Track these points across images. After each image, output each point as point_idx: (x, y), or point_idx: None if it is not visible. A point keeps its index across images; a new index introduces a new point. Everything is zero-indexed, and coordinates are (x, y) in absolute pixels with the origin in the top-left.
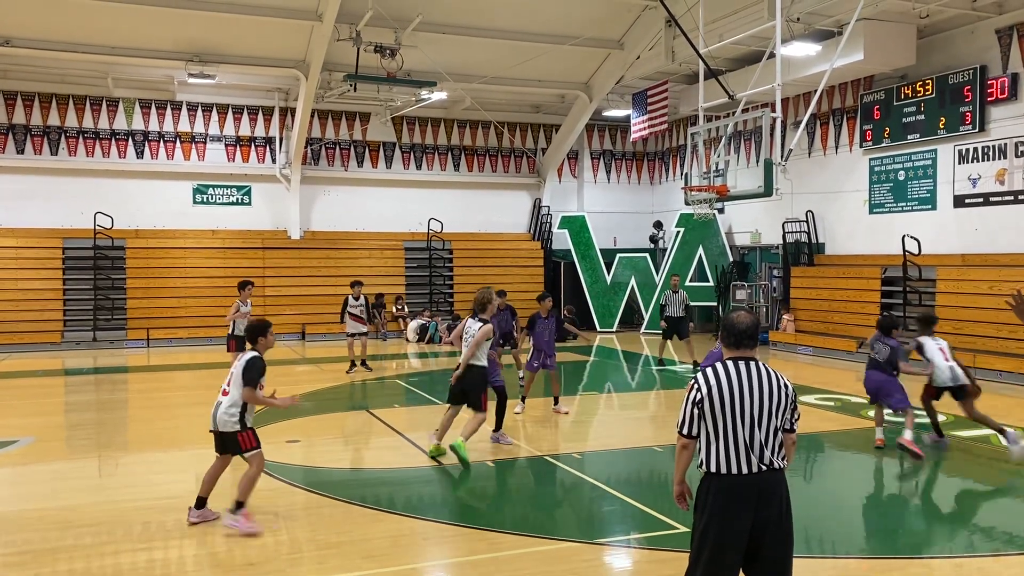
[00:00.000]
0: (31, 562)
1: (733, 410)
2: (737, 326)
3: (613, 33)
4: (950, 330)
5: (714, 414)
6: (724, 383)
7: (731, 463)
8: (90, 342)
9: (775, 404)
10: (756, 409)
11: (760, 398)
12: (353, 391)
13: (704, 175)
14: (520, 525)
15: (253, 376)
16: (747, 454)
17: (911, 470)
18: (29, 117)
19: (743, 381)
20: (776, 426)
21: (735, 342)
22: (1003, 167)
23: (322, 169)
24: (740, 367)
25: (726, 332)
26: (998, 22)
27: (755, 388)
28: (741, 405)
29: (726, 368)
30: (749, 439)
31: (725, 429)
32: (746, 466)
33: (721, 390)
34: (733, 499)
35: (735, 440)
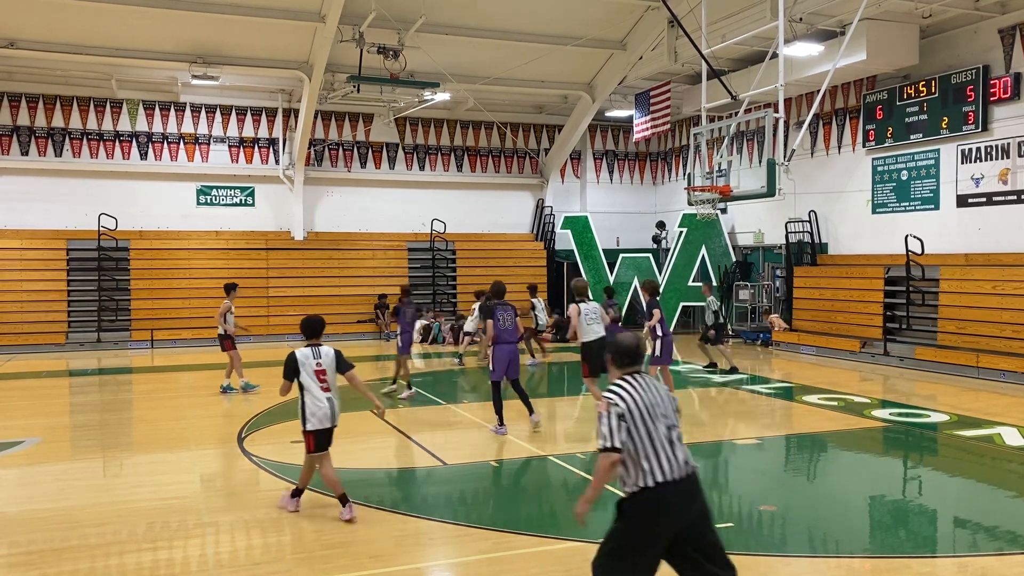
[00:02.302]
0: (37, 562)
1: (653, 420)
2: (628, 346)
3: (616, 34)
4: (953, 330)
5: (637, 427)
6: (637, 396)
7: (664, 472)
8: (94, 343)
9: (670, 409)
10: (663, 417)
11: (663, 406)
12: (356, 392)
13: (707, 175)
14: (525, 525)
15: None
16: (673, 460)
17: (914, 470)
18: (33, 119)
19: (647, 392)
20: (676, 427)
21: (627, 361)
22: (1006, 167)
23: (325, 170)
24: (639, 380)
25: (617, 354)
26: (1001, 22)
27: (656, 398)
28: (654, 415)
29: (629, 383)
30: (670, 445)
31: (651, 440)
32: (676, 472)
33: (637, 403)
34: (664, 511)
35: (662, 448)
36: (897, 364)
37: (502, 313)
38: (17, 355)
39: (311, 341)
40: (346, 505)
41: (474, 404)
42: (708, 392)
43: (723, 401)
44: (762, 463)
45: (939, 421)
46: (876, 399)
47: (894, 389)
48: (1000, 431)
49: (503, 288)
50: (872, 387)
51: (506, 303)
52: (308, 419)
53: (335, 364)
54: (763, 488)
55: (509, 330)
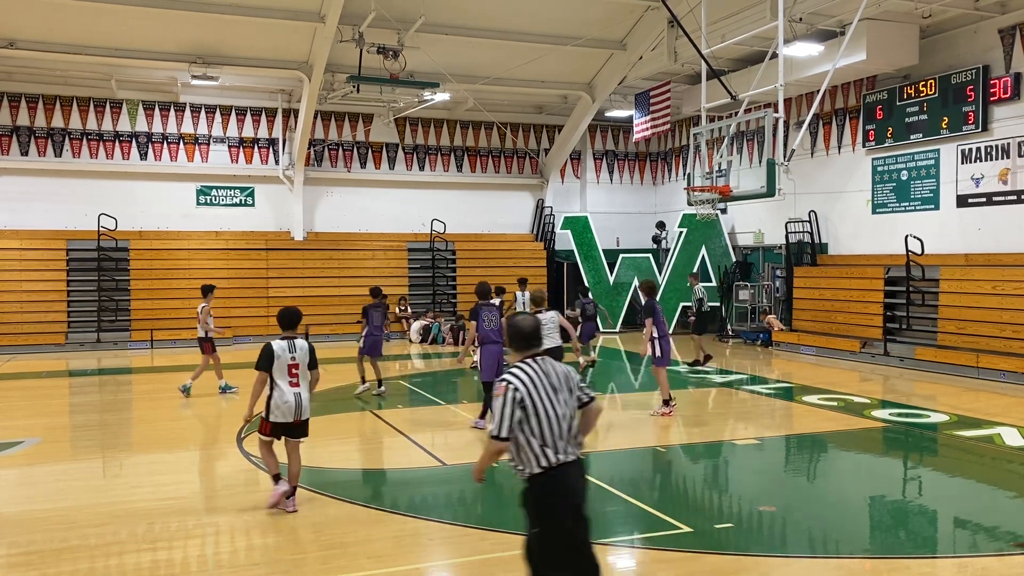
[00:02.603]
0: (37, 562)
1: (553, 403)
2: (524, 329)
3: (615, 34)
4: (953, 330)
5: (536, 410)
6: (536, 379)
7: (559, 454)
8: (94, 343)
9: (570, 390)
10: (563, 400)
11: (563, 387)
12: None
13: (707, 175)
14: (524, 525)
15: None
16: (567, 443)
17: (914, 470)
18: (33, 119)
19: (546, 375)
20: (573, 411)
21: (524, 344)
22: (1006, 167)
23: (325, 170)
24: (539, 363)
25: (515, 336)
26: (1001, 22)
27: (555, 380)
28: (553, 398)
29: (529, 367)
30: (566, 429)
31: (550, 421)
32: (570, 454)
33: (536, 386)
34: (567, 489)
35: (560, 430)
36: (897, 364)
37: (487, 314)
38: (17, 355)
39: (287, 333)
40: (278, 483)
41: (474, 404)
42: (708, 392)
43: (723, 401)
44: (762, 463)
45: (939, 421)
46: (876, 399)
47: (894, 389)
48: (1000, 431)
49: (488, 288)
50: (872, 387)
51: (491, 303)
52: (272, 411)
53: (308, 358)
54: (763, 488)
55: (495, 330)
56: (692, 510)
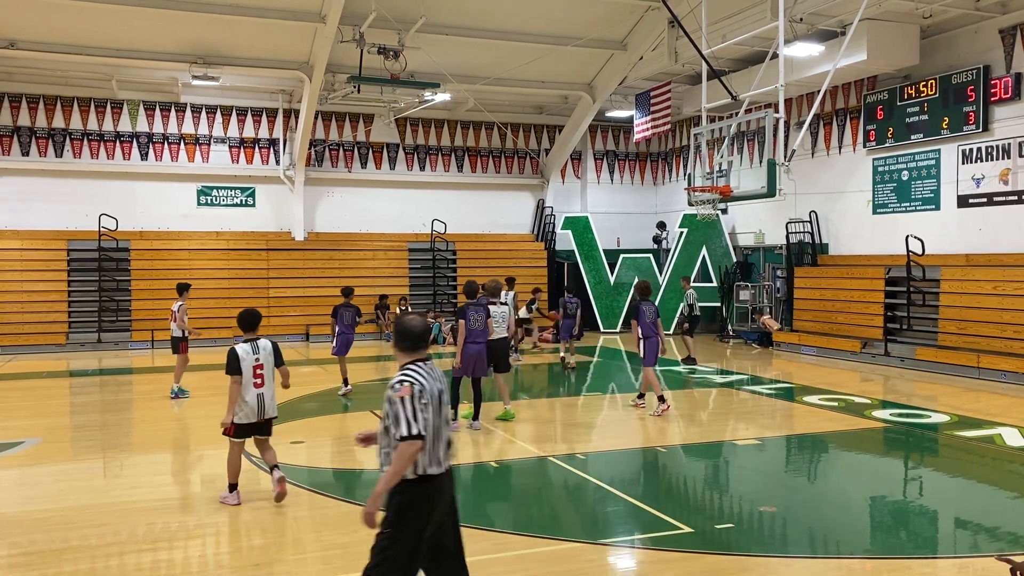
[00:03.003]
0: (37, 563)
1: (439, 410)
2: (413, 329)
3: (616, 34)
4: (954, 330)
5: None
6: (428, 383)
7: (437, 463)
8: (95, 344)
9: (444, 403)
10: (443, 407)
11: (443, 396)
12: (357, 392)
13: (707, 175)
14: (524, 525)
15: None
16: (446, 452)
17: (915, 470)
18: (34, 119)
19: (436, 381)
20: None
21: (412, 345)
22: (1007, 167)
23: (326, 170)
24: (429, 368)
25: (402, 336)
26: (1001, 22)
27: (441, 388)
28: (440, 404)
29: (422, 370)
30: (443, 437)
31: (434, 429)
32: (445, 464)
33: (431, 391)
34: (439, 500)
35: (442, 440)
36: (898, 364)
37: (473, 314)
38: (18, 355)
39: (248, 335)
40: (233, 492)
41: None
42: (709, 393)
43: (723, 402)
44: (762, 464)
45: (940, 422)
46: (877, 399)
47: (895, 389)
48: (1001, 431)
49: (476, 288)
50: (873, 387)
51: (479, 303)
52: (236, 413)
53: (273, 357)
54: (763, 489)
55: (479, 330)
56: (693, 510)
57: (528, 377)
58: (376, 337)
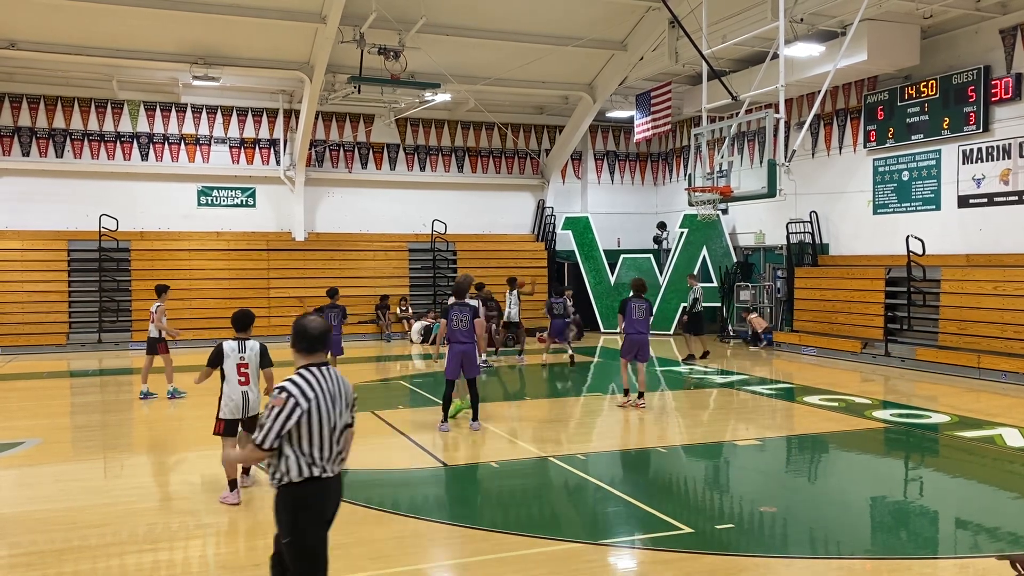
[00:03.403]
0: (37, 563)
1: (326, 417)
2: (311, 331)
3: (616, 34)
4: (954, 330)
5: (310, 424)
6: (318, 391)
7: (325, 468)
8: (95, 344)
9: (346, 404)
10: (337, 414)
11: (340, 402)
12: (357, 392)
13: (708, 176)
14: (524, 526)
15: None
16: (332, 458)
17: (915, 471)
18: (34, 120)
19: (328, 388)
20: (346, 424)
21: (308, 347)
22: (1007, 167)
23: (326, 171)
24: (324, 373)
25: (299, 337)
26: (1002, 22)
27: (337, 393)
28: (332, 411)
29: (315, 376)
30: (332, 443)
31: (322, 436)
32: (332, 470)
33: (317, 399)
34: (327, 502)
35: (329, 445)
36: (898, 365)
37: (457, 314)
38: (18, 356)
39: (239, 335)
40: (233, 490)
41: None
42: (709, 393)
43: (724, 402)
44: (763, 464)
45: (940, 422)
46: (877, 400)
47: (895, 390)
48: (1001, 432)
49: (466, 288)
50: (873, 388)
51: (464, 304)
52: (222, 408)
53: (259, 359)
54: (764, 489)
55: (463, 330)
56: (693, 510)
57: (528, 377)
58: (376, 337)
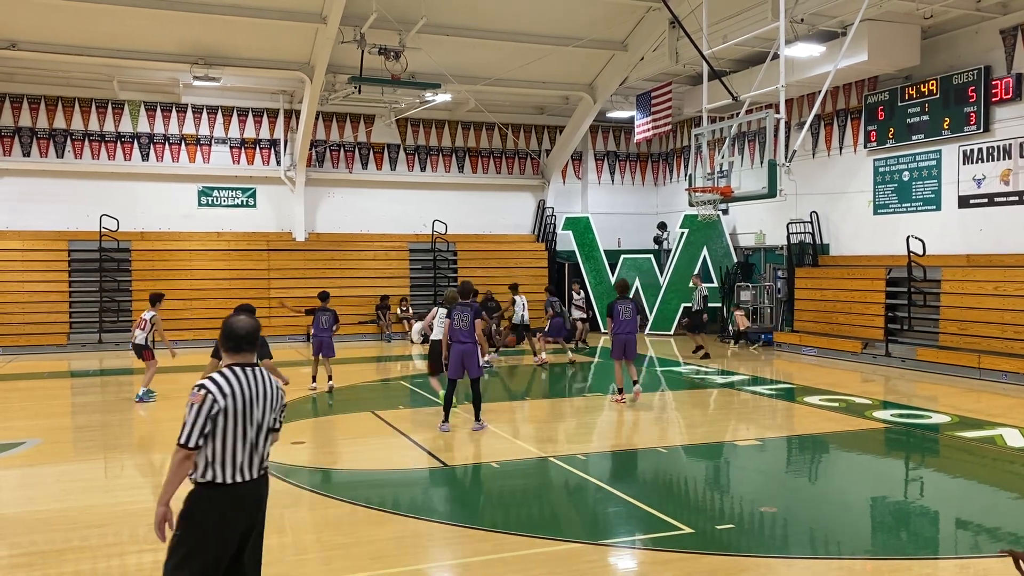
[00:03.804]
0: (38, 563)
1: (247, 416)
2: (237, 330)
3: (617, 34)
4: (955, 331)
5: (225, 424)
6: (236, 390)
7: (236, 472)
8: (96, 344)
9: (272, 408)
10: (260, 415)
11: (263, 404)
12: (358, 393)
13: (708, 176)
14: (525, 526)
15: None
16: (250, 461)
17: (916, 471)
18: (35, 120)
19: (250, 388)
20: (270, 428)
21: (235, 347)
22: (1008, 167)
23: (327, 171)
24: (248, 373)
25: (225, 336)
26: (1002, 22)
27: (259, 395)
28: (251, 413)
29: (235, 375)
30: (253, 446)
31: (235, 438)
32: (249, 473)
33: (235, 399)
34: (236, 508)
35: (244, 448)
36: (899, 365)
37: (459, 313)
38: (19, 356)
39: None
40: None
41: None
42: (710, 393)
43: (724, 402)
44: (763, 464)
45: (940, 422)
46: (877, 400)
47: (895, 390)
48: (1001, 432)
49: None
50: (873, 388)
51: (466, 304)
52: None
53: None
54: (764, 489)
55: (463, 330)
56: (693, 511)
57: (528, 377)
58: (377, 338)
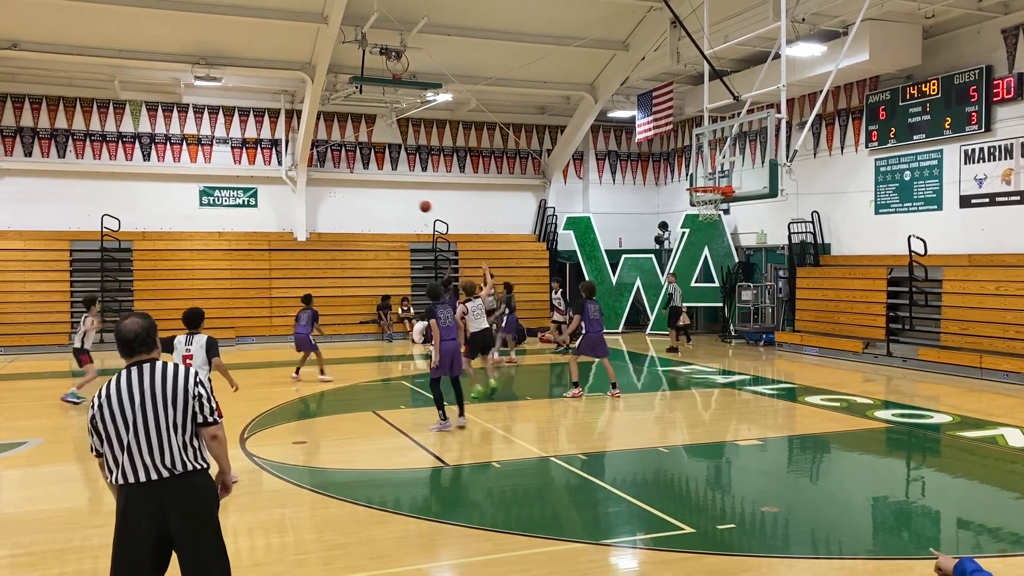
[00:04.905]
0: (39, 563)
1: (125, 418)
2: (124, 336)
3: (618, 34)
4: (956, 331)
5: (106, 428)
6: (114, 393)
7: (129, 472)
8: (98, 344)
9: (172, 403)
10: (147, 412)
11: (152, 399)
12: (359, 392)
13: (709, 176)
14: (526, 526)
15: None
16: (145, 460)
17: (917, 471)
18: (36, 120)
19: (134, 386)
20: (174, 424)
21: (127, 352)
22: (1009, 167)
23: (328, 171)
24: (138, 371)
25: (117, 342)
26: (1004, 22)
27: (148, 392)
28: (133, 411)
29: (117, 377)
30: (147, 444)
31: (120, 439)
32: (148, 474)
33: (111, 402)
34: (136, 510)
35: (137, 448)
36: (900, 365)
37: (443, 312)
38: (20, 356)
39: (190, 330)
40: None
41: (477, 405)
42: (711, 393)
43: (725, 402)
44: (764, 464)
45: (942, 422)
46: (879, 400)
47: (897, 390)
48: (1003, 432)
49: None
50: (875, 388)
51: (444, 304)
52: None
53: (205, 350)
54: (765, 489)
55: (450, 327)
56: (694, 511)
57: (528, 377)
58: (378, 337)
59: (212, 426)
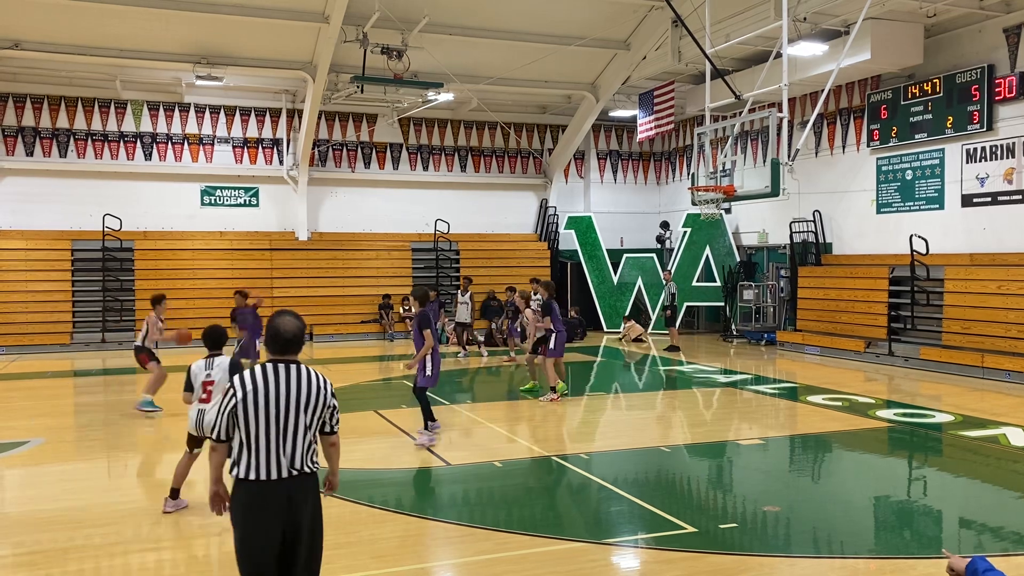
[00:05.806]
0: (41, 562)
1: (267, 414)
2: (284, 334)
3: (619, 33)
4: (958, 330)
5: (247, 419)
6: (261, 387)
7: (260, 469)
8: (99, 343)
9: (309, 406)
10: (289, 412)
11: (295, 401)
12: (360, 392)
13: (711, 175)
14: (527, 525)
15: None
16: (277, 459)
17: (919, 470)
18: (38, 119)
19: (280, 385)
20: (307, 427)
21: (279, 350)
22: (1011, 166)
23: (329, 170)
24: (280, 370)
25: (270, 339)
26: (1005, 21)
27: (291, 391)
28: (276, 409)
29: (264, 371)
30: (280, 443)
31: (257, 434)
32: (276, 471)
33: (257, 396)
34: (261, 507)
35: (266, 445)
36: (902, 364)
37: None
38: (22, 355)
39: (211, 351)
40: (175, 499)
41: (478, 404)
42: (712, 392)
43: (727, 401)
44: (766, 463)
45: (944, 421)
46: (881, 399)
47: (899, 389)
48: (1005, 431)
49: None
50: (876, 387)
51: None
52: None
53: (226, 374)
54: (767, 489)
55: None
56: (696, 510)
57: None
58: (379, 337)
59: (334, 435)
